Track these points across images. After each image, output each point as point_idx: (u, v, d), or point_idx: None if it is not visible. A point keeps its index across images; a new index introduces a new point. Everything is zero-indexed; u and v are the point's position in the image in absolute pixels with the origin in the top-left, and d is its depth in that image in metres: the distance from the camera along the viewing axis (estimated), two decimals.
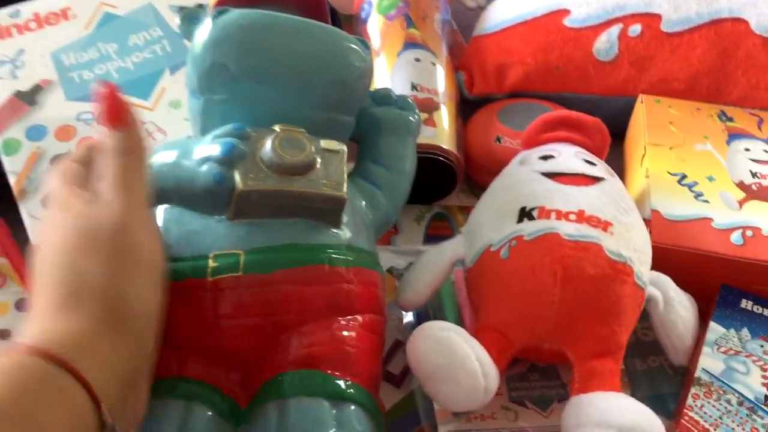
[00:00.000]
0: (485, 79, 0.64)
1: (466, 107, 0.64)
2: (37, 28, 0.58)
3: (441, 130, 0.58)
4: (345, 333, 0.38)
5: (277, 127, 0.39)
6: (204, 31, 0.40)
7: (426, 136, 0.57)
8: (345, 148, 0.40)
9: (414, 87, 0.59)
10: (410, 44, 0.62)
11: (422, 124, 0.57)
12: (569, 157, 0.49)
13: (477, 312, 0.45)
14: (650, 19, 0.61)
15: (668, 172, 0.52)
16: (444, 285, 0.48)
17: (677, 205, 0.50)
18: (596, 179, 0.47)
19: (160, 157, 0.40)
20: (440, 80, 0.61)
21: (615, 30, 0.61)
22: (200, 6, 0.55)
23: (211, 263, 0.37)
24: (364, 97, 0.45)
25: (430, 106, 0.59)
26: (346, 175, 0.39)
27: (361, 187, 0.45)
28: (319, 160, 0.38)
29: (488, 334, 0.42)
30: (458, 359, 0.39)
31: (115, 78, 0.57)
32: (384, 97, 0.47)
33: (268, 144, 0.37)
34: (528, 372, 0.46)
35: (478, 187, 0.61)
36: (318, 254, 0.38)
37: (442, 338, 0.40)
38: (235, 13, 0.40)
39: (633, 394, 0.45)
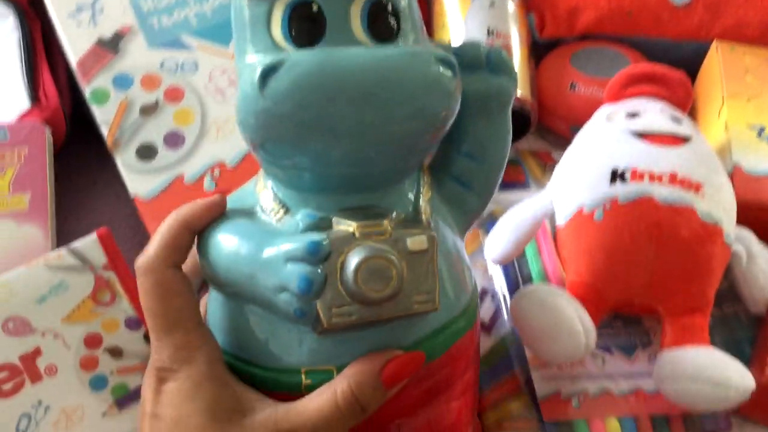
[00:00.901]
0: (556, 21, 0.64)
1: (535, 49, 0.64)
2: None
3: (517, 77, 0.58)
4: (443, 418, 0.37)
5: (355, 230, 0.32)
6: (250, 100, 0.31)
7: None
8: (434, 239, 0.32)
9: (490, 32, 0.59)
10: None
11: None
12: (656, 114, 0.50)
13: (569, 268, 0.48)
14: None
15: (747, 125, 0.54)
16: None
17: (759, 160, 0.52)
18: (685, 139, 0.48)
19: (228, 257, 0.34)
20: (514, 24, 0.61)
21: None
22: None
23: (305, 379, 0.34)
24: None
25: (507, 51, 0.59)
26: (437, 278, 0.33)
27: (449, 193, 0.38)
28: (405, 271, 0.32)
29: (583, 290, 0.45)
30: (564, 321, 0.42)
31: (193, 24, 0.57)
32: (473, 60, 0.36)
33: (349, 272, 0.31)
34: (612, 320, 0.49)
35: (547, 131, 0.63)
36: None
37: (548, 302, 0.43)
38: (287, 78, 0.30)
39: (711, 339, 0.48)
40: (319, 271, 0.31)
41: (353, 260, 0.31)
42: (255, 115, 0.31)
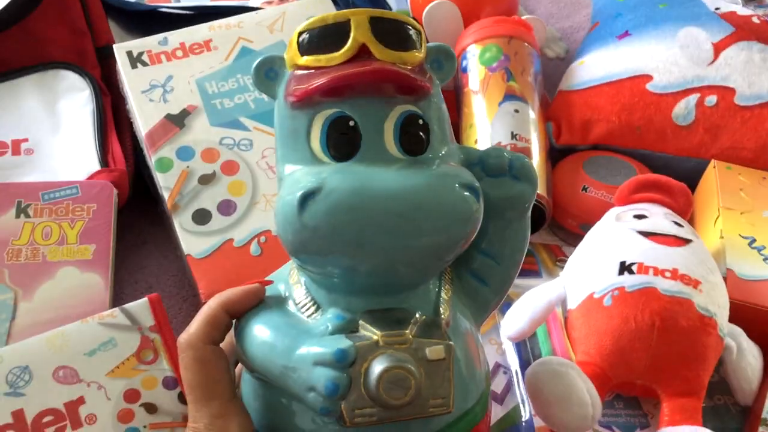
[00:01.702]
0: (571, 131, 0.71)
1: (551, 154, 0.71)
2: (183, 56, 0.65)
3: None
4: None
5: (379, 339, 0.34)
6: (289, 219, 0.35)
7: None
8: (452, 348, 0.35)
9: (514, 136, 0.67)
10: (510, 96, 0.69)
11: None
12: (660, 217, 0.57)
13: (577, 348, 0.53)
14: (725, 92, 0.69)
15: (740, 235, 0.60)
16: None
17: (749, 266, 0.58)
18: (686, 241, 0.54)
19: (262, 349, 0.37)
20: (535, 130, 0.68)
21: (693, 99, 0.69)
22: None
23: None
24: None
25: (528, 154, 0.66)
26: (452, 384, 0.36)
27: (467, 287, 0.41)
28: (423, 378, 0.34)
29: (590, 369, 0.50)
30: (574, 392, 0.47)
31: (252, 108, 0.64)
32: (497, 166, 0.39)
33: (372, 380, 0.34)
34: (614, 401, 0.54)
35: (559, 228, 0.69)
36: None
37: (561, 373, 0.48)
38: (323, 205, 0.34)
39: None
40: (345, 375, 0.34)
41: (376, 369, 0.34)
42: (293, 232, 0.35)
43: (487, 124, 0.68)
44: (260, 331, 0.38)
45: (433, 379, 0.35)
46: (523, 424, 0.53)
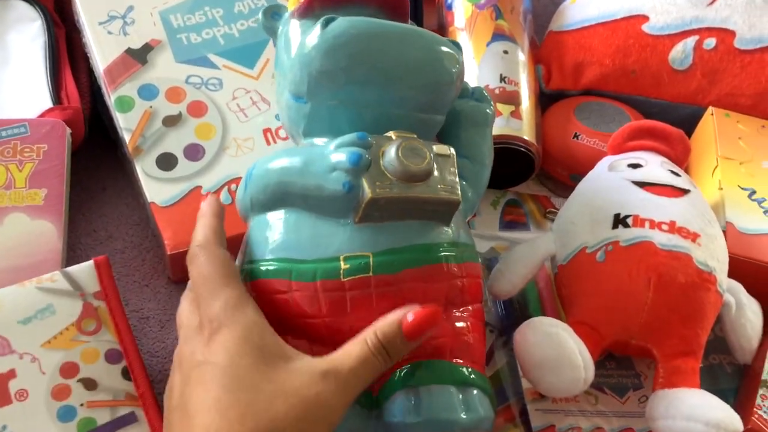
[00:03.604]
0: (562, 75, 0.67)
1: (540, 99, 0.67)
2: None
3: (525, 122, 0.61)
4: (462, 324, 0.42)
5: (392, 135, 0.40)
6: (313, 39, 0.41)
7: (512, 128, 0.60)
8: (453, 151, 0.42)
9: (503, 79, 0.62)
10: (498, 35, 0.65)
11: (509, 116, 0.61)
12: (656, 166, 0.53)
13: (569, 307, 0.50)
14: (725, 35, 0.65)
15: (739, 187, 0.57)
16: None
17: (749, 219, 0.55)
18: (683, 191, 0.51)
19: (281, 162, 0.42)
20: (524, 73, 0.64)
21: (691, 41, 0.65)
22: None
23: (343, 264, 0.39)
24: (456, 96, 0.46)
25: (516, 99, 0.62)
26: (457, 178, 0.41)
27: None
28: (435, 165, 0.40)
29: (582, 329, 0.47)
30: (565, 354, 0.44)
31: (221, 44, 0.59)
32: (462, 90, 0.48)
33: (391, 152, 0.39)
34: (605, 360, 0.51)
35: (548, 177, 0.65)
36: (437, 253, 0.41)
37: (551, 334, 0.44)
38: (344, 23, 0.41)
39: None
40: (366, 155, 0.39)
41: (393, 146, 0.39)
42: (316, 48, 0.40)
43: (474, 66, 0.63)
44: (279, 162, 0.41)
45: (441, 171, 0.40)
46: (509, 387, 0.50)
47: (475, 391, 0.41)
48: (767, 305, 0.52)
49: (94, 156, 0.60)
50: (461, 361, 0.41)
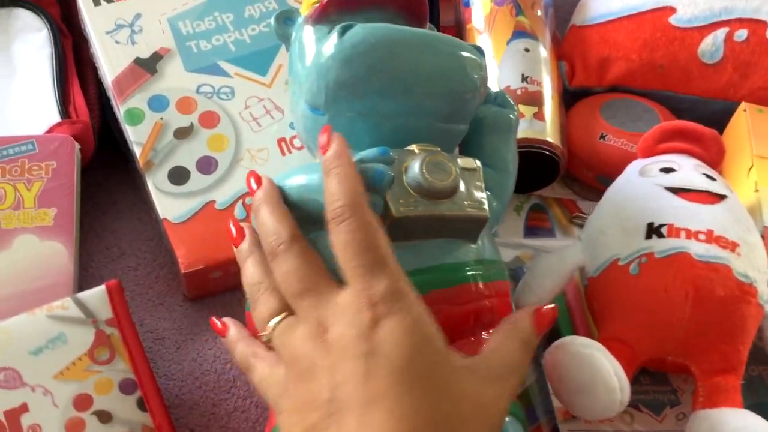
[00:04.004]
0: (587, 71, 0.64)
1: (564, 97, 0.64)
2: None
3: (549, 124, 0.59)
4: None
5: (414, 148, 0.39)
6: (330, 48, 0.39)
7: (535, 130, 0.58)
8: (480, 164, 0.40)
9: (524, 79, 0.60)
10: (519, 33, 0.62)
11: (532, 118, 0.58)
12: (690, 170, 0.51)
13: (600, 321, 0.48)
14: (756, 26, 0.62)
15: None
16: None
17: None
18: (720, 197, 0.49)
19: (299, 180, 0.40)
20: (547, 71, 0.61)
21: (721, 33, 0.62)
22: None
23: None
24: (480, 104, 0.45)
25: (539, 99, 0.59)
26: (484, 192, 0.40)
27: None
28: (461, 181, 0.39)
29: (616, 346, 0.45)
30: (600, 376, 0.42)
31: (232, 51, 0.57)
32: (486, 97, 0.46)
33: (415, 168, 0.37)
34: (640, 376, 0.49)
35: (573, 180, 0.63)
36: (464, 273, 0.39)
37: (585, 355, 0.42)
38: (362, 30, 0.39)
39: None
40: (389, 172, 0.37)
41: (417, 161, 0.38)
42: (333, 58, 0.39)
43: (494, 66, 0.61)
44: (298, 179, 0.40)
45: (467, 186, 0.39)
46: (539, 406, 0.48)
47: (508, 418, 0.39)
48: None
49: (104, 170, 0.59)
50: None
